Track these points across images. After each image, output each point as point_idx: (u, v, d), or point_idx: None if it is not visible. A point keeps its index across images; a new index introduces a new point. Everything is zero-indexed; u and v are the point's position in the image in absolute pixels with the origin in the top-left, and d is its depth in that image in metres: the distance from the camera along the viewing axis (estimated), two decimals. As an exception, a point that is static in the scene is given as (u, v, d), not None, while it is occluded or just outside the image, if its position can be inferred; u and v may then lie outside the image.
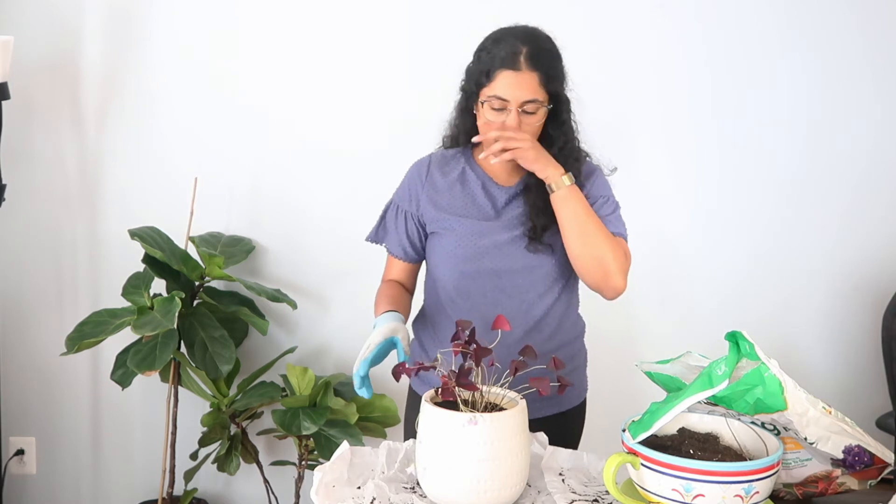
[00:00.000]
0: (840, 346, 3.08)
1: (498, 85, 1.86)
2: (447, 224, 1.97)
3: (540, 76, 1.86)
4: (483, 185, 1.99)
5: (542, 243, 1.93)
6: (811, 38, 2.96)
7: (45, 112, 3.01)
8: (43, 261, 3.08)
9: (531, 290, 1.96)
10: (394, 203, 2.05)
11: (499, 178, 1.99)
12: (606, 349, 2.89)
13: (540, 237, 1.93)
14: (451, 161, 2.02)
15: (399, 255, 2.05)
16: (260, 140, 3.02)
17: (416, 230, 2.02)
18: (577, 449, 2.00)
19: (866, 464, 1.53)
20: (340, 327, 3.07)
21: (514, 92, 1.85)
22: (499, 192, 1.98)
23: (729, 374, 1.46)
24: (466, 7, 2.91)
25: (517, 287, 1.95)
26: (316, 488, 1.56)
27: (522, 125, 1.87)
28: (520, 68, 1.85)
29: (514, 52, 1.86)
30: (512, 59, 1.85)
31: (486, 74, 1.87)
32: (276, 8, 2.96)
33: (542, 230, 1.93)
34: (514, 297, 1.95)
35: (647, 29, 2.96)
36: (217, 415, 2.85)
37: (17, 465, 3.15)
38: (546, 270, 1.96)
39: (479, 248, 1.94)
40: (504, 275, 1.94)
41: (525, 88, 1.85)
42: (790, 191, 3.02)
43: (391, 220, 2.05)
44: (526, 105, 1.86)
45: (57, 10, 2.96)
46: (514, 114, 1.85)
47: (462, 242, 1.95)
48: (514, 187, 1.98)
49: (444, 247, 1.98)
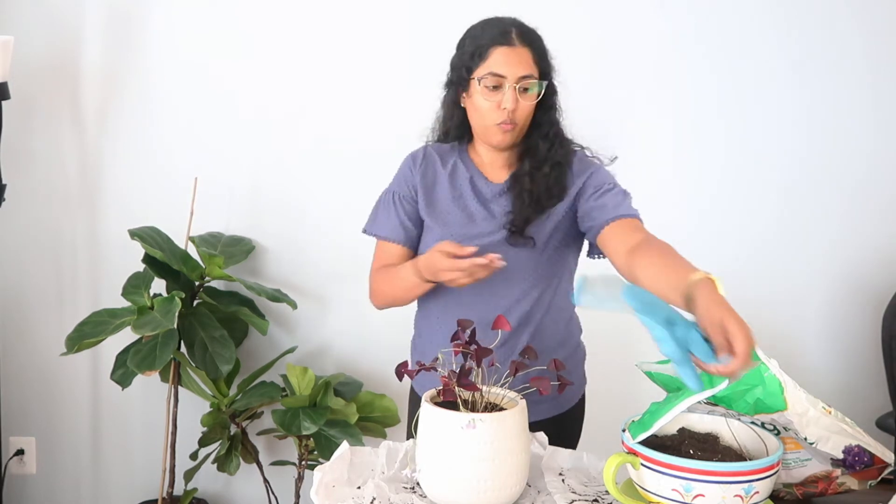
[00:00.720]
0: (840, 346, 3.09)
1: (493, 62, 1.85)
2: (433, 219, 1.97)
3: (532, 53, 1.87)
4: (472, 178, 1.98)
5: (522, 236, 1.91)
6: (812, 38, 2.96)
7: (45, 112, 3.01)
8: (43, 261, 3.08)
9: (516, 286, 1.94)
10: (389, 190, 2.03)
11: (489, 174, 1.99)
12: (606, 349, 2.89)
13: (521, 230, 1.91)
14: (446, 153, 2.02)
15: (396, 238, 2.00)
16: (260, 140, 3.02)
17: (414, 212, 2.00)
18: (577, 448, 2.00)
19: (866, 464, 1.53)
20: (340, 327, 3.07)
21: (510, 68, 1.84)
22: (487, 187, 1.97)
23: (729, 374, 1.46)
24: (466, 8, 2.91)
25: (498, 286, 1.92)
26: (316, 488, 1.56)
27: (519, 105, 1.86)
28: (514, 44, 1.85)
29: (506, 31, 1.86)
30: (504, 35, 1.86)
31: (479, 55, 1.86)
32: (276, 8, 2.97)
33: (524, 223, 1.91)
34: (498, 293, 1.93)
35: (649, 28, 2.96)
36: (217, 415, 2.85)
37: (17, 465, 3.15)
38: (530, 265, 1.94)
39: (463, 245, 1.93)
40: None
41: (521, 64, 1.84)
42: (790, 191, 3.02)
43: (387, 207, 2.01)
44: (523, 80, 1.85)
45: (57, 10, 2.96)
46: (512, 91, 1.84)
47: (445, 239, 1.93)
48: (503, 184, 1.97)
49: (429, 242, 1.96)
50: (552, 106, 1.94)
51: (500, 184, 1.97)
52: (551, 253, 1.96)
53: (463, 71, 1.90)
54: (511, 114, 1.85)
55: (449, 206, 1.97)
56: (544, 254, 1.95)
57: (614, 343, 2.91)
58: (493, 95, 1.85)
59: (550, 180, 1.92)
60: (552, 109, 1.94)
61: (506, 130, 1.88)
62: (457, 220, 1.96)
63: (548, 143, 1.92)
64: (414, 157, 2.03)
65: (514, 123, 1.87)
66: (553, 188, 1.92)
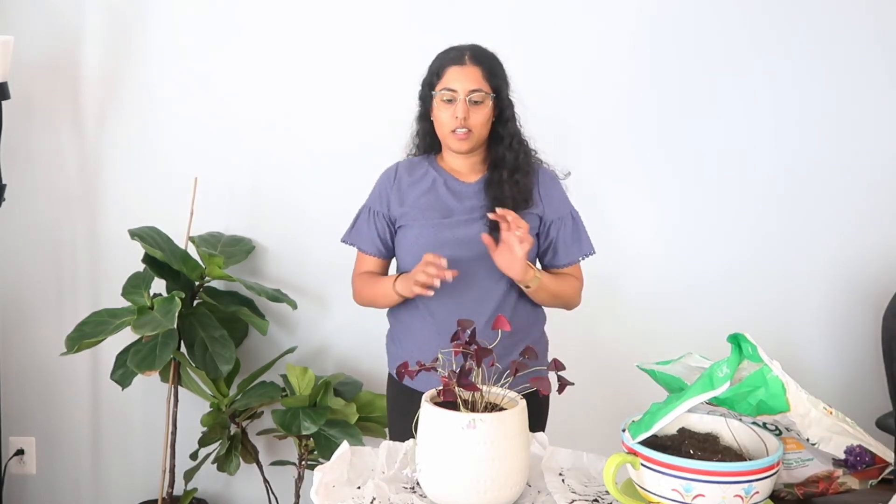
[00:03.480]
0: (840, 346, 3.08)
1: (447, 78, 2.15)
2: (412, 216, 2.19)
3: (483, 71, 2.15)
4: (446, 182, 2.21)
5: (498, 232, 2.10)
6: (813, 38, 2.96)
7: (45, 112, 3.01)
8: (43, 261, 3.08)
9: (488, 278, 2.15)
10: (366, 207, 2.28)
11: (461, 176, 2.22)
12: (606, 350, 2.90)
13: (499, 228, 2.09)
14: (416, 166, 2.26)
15: (372, 252, 2.26)
16: (260, 140, 3.02)
17: (387, 229, 2.24)
18: (545, 429, 2.16)
19: (867, 464, 1.53)
20: (340, 327, 3.07)
21: (461, 83, 2.13)
22: (461, 186, 2.21)
23: (730, 375, 1.46)
24: (467, 9, 2.91)
25: (475, 275, 2.14)
26: (316, 488, 1.56)
27: (471, 114, 2.13)
28: (465, 63, 2.15)
29: (461, 53, 2.17)
30: (459, 57, 2.16)
31: (437, 73, 2.17)
32: (276, 8, 2.96)
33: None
34: (473, 285, 2.15)
35: (650, 28, 2.96)
36: (217, 415, 2.85)
37: (17, 465, 3.15)
38: None
39: (440, 239, 2.15)
40: (463, 263, 2.11)
41: (470, 79, 2.14)
42: (791, 191, 3.02)
43: (364, 222, 2.26)
44: (472, 94, 2.13)
45: (57, 10, 2.96)
46: (463, 103, 2.12)
47: (424, 233, 2.17)
48: (475, 184, 2.21)
49: (408, 238, 2.20)
50: (509, 118, 2.20)
51: (473, 183, 2.21)
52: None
53: (427, 88, 2.20)
54: (463, 121, 2.12)
55: (425, 202, 2.19)
56: None
57: (614, 344, 2.91)
58: (449, 107, 2.15)
59: (522, 186, 2.17)
60: (510, 121, 2.20)
61: (460, 138, 2.14)
62: (432, 206, 2.18)
63: (513, 153, 2.19)
64: (387, 173, 2.28)
65: (469, 130, 2.13)
66: (525, 193, 2.17)
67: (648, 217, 3.04)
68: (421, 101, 2.25)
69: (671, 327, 3.02)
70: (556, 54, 2.92)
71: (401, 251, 2.24)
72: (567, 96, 2.93)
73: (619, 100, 2.97)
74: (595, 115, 2.96)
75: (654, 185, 3.02)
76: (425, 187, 2.21)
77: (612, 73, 2.97)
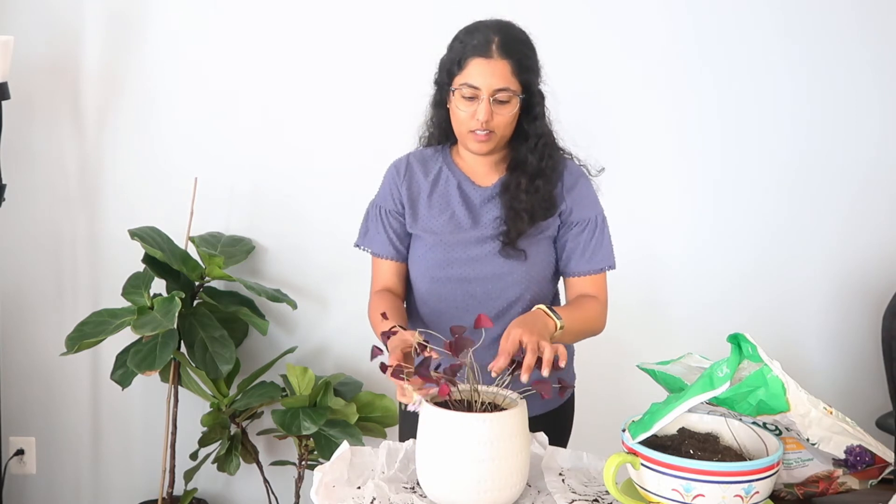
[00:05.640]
0: (840, 346, 3.08)
1: (469, 72, 1.85)
2: (421, 229, 1.97)
3: (512, 65, 1.85)
4: (459, 184, 1.98)
5: (515, 249, 1.92)
6: (812, 38, 2.96)
7: (45, 112, 3.01)
8: (43, 261, 3.08)
9: (501, 297, 1.95)
10: (375, 205, 2.04)
11: (476, 178, 1.98)
12: (606, 350, 2.89)
13: (514, 243, 1.92)
14: (429, 160, 2.01)
15: (388, 255, 2.01)
16: (260, 140, 3.02)
17: (401, 226, 2.00)
18: (567, 446, 2.01)
19: (868, 463, 1.54)
20: (340, 327, 3.07)
21: (485, 80, 1.83)
22: (476, 192, 1.97)
23: (730, 375, 1.46)
24: (467, 10, 2.91)
25: (487, 293, 1.95)
26: (316, 488, 1.56)
27: (494, 116, 1.85)
28: (492, 56, 1.84)
29: (487, 41, 1.85)
30: (484, 47, 1.85)
31: (458, 63, 1.86)
32: (276, 8, 2.96)
33: (517, 235, 1.91)
34: (485, 304, 1.95)
35: (650, 28, 2.95)
36: (217, 415, 2.85)
37: (17, 465, 3.15)
38: (517, 277, 1.95)
39: (450, 258, 1.95)
40: (474, 282, 1.95)
41: (497, 76, 1.84)
42: (790, 191, 3.02)
43: (375, 222, 2.02)
44: (498, 93, 1.84)
45: (57, 11, 2.96)
46: (486, 103, 1.83)
47: (433, 250, 1.96)
48: (491, 188, 1.97)
49: (417, 251, 1.99)
50: (538, 115, 1.93)
51: (489, 188, 1.97)
52: (541, 258, 1.97)
53: (445, 75, 1.91)
54: (485, 124, 1.85)
55: (435, 214, 1.97)
56: (535, 262, 1.96)
57: (614, 344, 2.91)
58: (469, 105, 1.86)
59: (544, 194, 1.92)
60: (539, 119, 1.93)
61: (480, 140, 1.88)
62: (444, 229, 1.96)
63: (537, 155, 1.92)
64: (397, 167, 2.03)
65: (491, 132, 1.87)
66: (547, 201, 1.93)
67: (647, 217, 3.03)
68: (437, 86, 1.96)
69: (671, 328, 3.02)
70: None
71: (409, 260, 2.03)
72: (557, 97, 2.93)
73: (619, 100, 2.97)
74: (595, 114, 2.96)
75: (653, 186, 3.02)
76: (436, 193, 1.98)
77: (612, 74, 2.96)
